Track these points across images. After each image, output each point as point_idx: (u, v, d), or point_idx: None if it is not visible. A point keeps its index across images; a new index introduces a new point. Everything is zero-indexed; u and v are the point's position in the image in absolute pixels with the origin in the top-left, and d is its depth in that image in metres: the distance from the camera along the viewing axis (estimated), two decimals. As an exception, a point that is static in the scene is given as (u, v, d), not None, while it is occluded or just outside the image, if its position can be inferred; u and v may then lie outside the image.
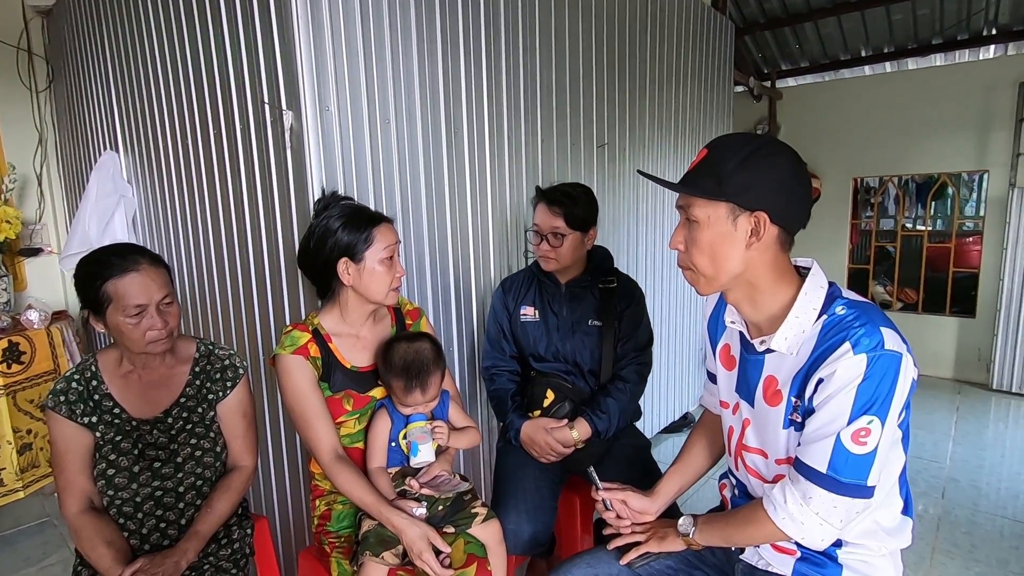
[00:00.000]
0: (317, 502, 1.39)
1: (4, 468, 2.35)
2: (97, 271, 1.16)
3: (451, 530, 1.28)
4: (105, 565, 1.15)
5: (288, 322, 1.64)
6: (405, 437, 1.30)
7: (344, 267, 1.27)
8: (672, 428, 3.20)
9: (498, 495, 1.61)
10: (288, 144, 1.51)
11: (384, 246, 1.27)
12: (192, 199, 1.97)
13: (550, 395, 1.68)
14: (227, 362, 1.34)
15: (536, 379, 1.71)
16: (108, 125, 2.41)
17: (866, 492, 0.90)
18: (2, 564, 2.22)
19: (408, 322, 1.45)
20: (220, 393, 1.32)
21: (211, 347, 1.35)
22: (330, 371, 1.31)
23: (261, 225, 1.69)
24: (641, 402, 1.79)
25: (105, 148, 2.45)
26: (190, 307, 2.12)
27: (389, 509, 1.20)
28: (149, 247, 2.30)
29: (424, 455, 1.28)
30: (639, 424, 1.84)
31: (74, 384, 1.22)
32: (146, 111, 2.12)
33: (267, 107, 1.55)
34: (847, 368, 0.88)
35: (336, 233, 1.26)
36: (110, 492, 1.21)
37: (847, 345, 0.89)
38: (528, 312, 1.75)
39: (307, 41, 1.43)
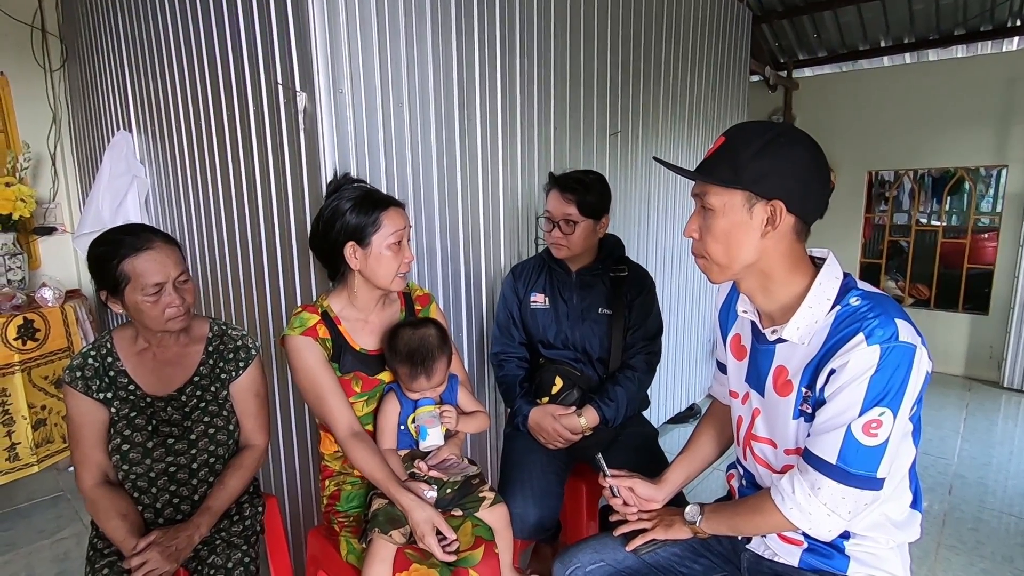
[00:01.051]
0: (327, 482, 1.40)
1: (19, 443, 2.39)
2: (112, 251, 1.17)
3: (459, 513, 1.29)
4: (119, 537, 1.18)
5: (298, 303, 1.65)
6: (414, 421, 1.31)
7: (351, 251, 1.27)
8: (678, 419, 3.20)
9: (505, 480, 1.62)
10: (301, 126, 1.51)
11: (392, 231, 1.26)
12: (204, 180, 1.98)
13: (558, 382, 1.69)
14: (240, 343, 1.36)
15: (545, 366, 1.72)
16: (121, 105, 2.42)
17: (875, 484, 0.90)
18: (17, 536, 2.26)
19: (418, 308, 1.45)
20: (233, 373, 1.33)
21: (224, 327, 1.37)
22: (340, 352, 1.32)
23: (273, 206, 1.69)
24: (648, 392, 1.79)
25: (118, 128, 2.46)
26: (201, 288, 2.13)
27: (399, 489, 1.21)
28: (161, 227, 2.33)
29: (433, 439, 1.29)
30: (646, 413, 1.85)
31: (90, 360, 1.24)
32: (159, 91, 2.12)
33: (280, 88, 1.55)
34: (860, 359, 0.87)
35: (344, 216, 1.25)
36: (125, 467, 1.23)
37: (861, 336, 0.88)
38: (538, 299, 1.75)
39: (321, 23, 1.43)
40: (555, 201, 1.65)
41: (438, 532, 1.18)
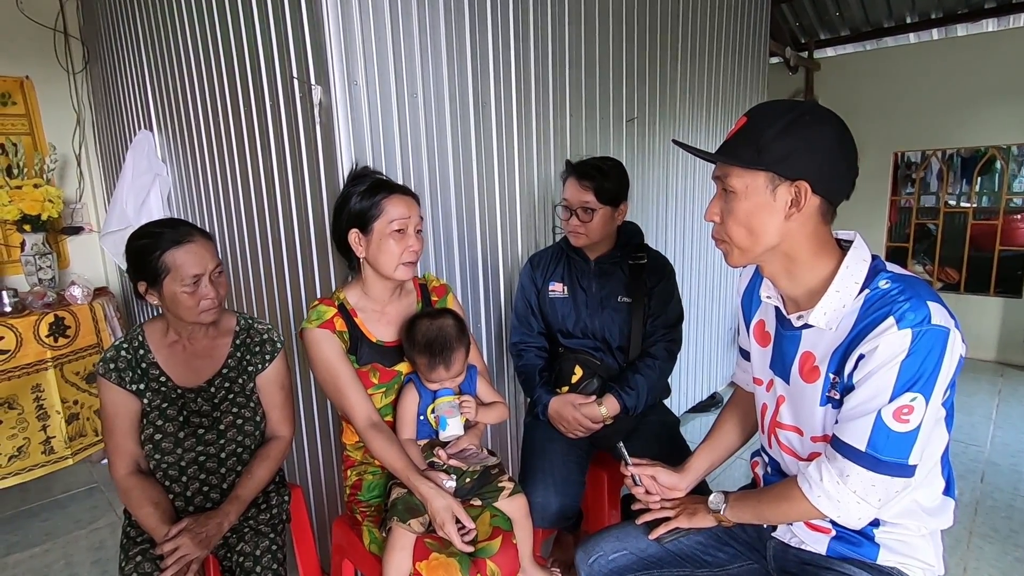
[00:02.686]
0: (349, 472, 1.42)
1: (54, 436, 2.47)
2: (154, 243, 1.21)
3: (478, 503, 1.30)
4: (151, 524, 1.21)
5: (317, 296, 1.67)
6: (433, 412, 1.31)
7: (355, 238, 1.27)
8: (700, 408, 3.17)
9: (526, 469, 1.62)
10: (317, 119, 1.51)
11: (394, 217, 1.25)
12: (224, 176, 2.00)
13: (578, 371, 1.68)
14: (266, 336, 1.39)
15: (564, 355, 1.71)
16: (142, 104, 2.46)
17: (907, 471, 0.88)
18: (55, 526, 2.34)
19: (434, 299, 1.45)
20: (259, 366, 1.36)
21: (251, 321, 1.40)
22: (357, 344, 1.32)
23: (291, 200, 1.71)
24: (669, 380, 1.77)
25: (140, 127, 2.50)
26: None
27: (418, 477, 1.22)
28: (184, 224, 2.37)
29: (452, 429, 1.30)
30: (667, 402, 1.83)
31: (123, 352, 1.28)
32: (179, 90, 2.15)
33: (296, 83, 1.55)
34: (890, 343, 0.84)
35: (350, 202, 1.26)
36: (156, 456, 1.26)
37: (891, 320, 0.85)
38: (557, 288, 1.74)
39: (335, 16, 1.42)
40: (572, 189, 1.64)
41: (457, 520, 1.18)
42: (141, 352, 1.29)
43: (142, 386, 1.27)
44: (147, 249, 1.22)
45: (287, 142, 1.66)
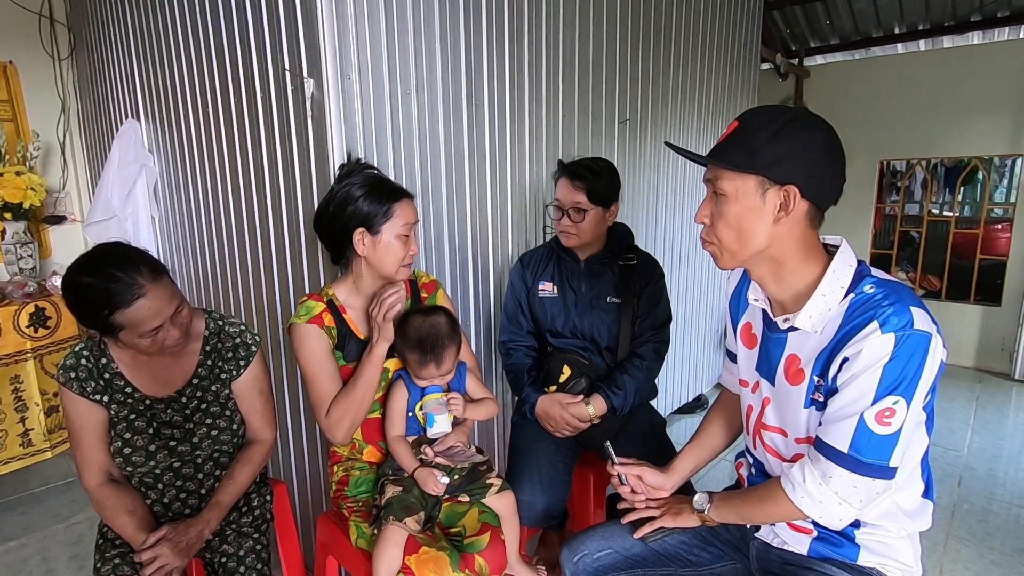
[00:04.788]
0: (335, 468, 1.41)
1: (32, 429, 2.42)
2: (102, 300, 1.06)
3: (466, 500, 1.30)
4: (128, 533, 1.17)
5: (306, 291, 1.66)
6: (422, 408, 1.31)
7: (360, 237, 1.27)
8: (685, 409, 3.20)
9: (513, 468, 1.63)
10: (309, 112, 1.50)
11: (403, 222, 1.27)
12: (212, 167, 1.98)
13: (566, 371, 1.68)
14: (239, 340, 1.30)
15: (553, 355, 1.71)
16: (129, 93, 2.42)
17: (888, 473, 0.89)
18: (32, 520, 2.30)
19: (423, 295, 1.45)
20: (234, 372, 1.29)
21: (221, 322, 1.30)
22: (344, 341, 1.32)
23: (281, 194, 1.69)
24: (656, 381, 1.79)
25: (127, 116, 2.46)
26: (209, 275, 2.14)
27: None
28: (169, 215, 2.34)
29: (440, 426, 1.30)
30: (654, 403, 1.84)
31: (83, 361, 1.18)
32: (167, 79, 2.12)
33: (288, 75, 1.54)
34: (874, 347, 0.86)
35: (357, 201, 1.25)
36: (128, 468, 1.21)
37: (875, 324, 0.87)
38: (546, 287, 1.74)
39: (329, 8, 1.41)
40: (564, 189, 1.64)
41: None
42: (104, 361, 1.19)
43: (106, 397, 1.18)
44: (94, 306, 1.06)
45: (277, 135, 1.65)
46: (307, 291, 1.66)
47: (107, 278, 1.06)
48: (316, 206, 1.55)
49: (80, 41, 2.85)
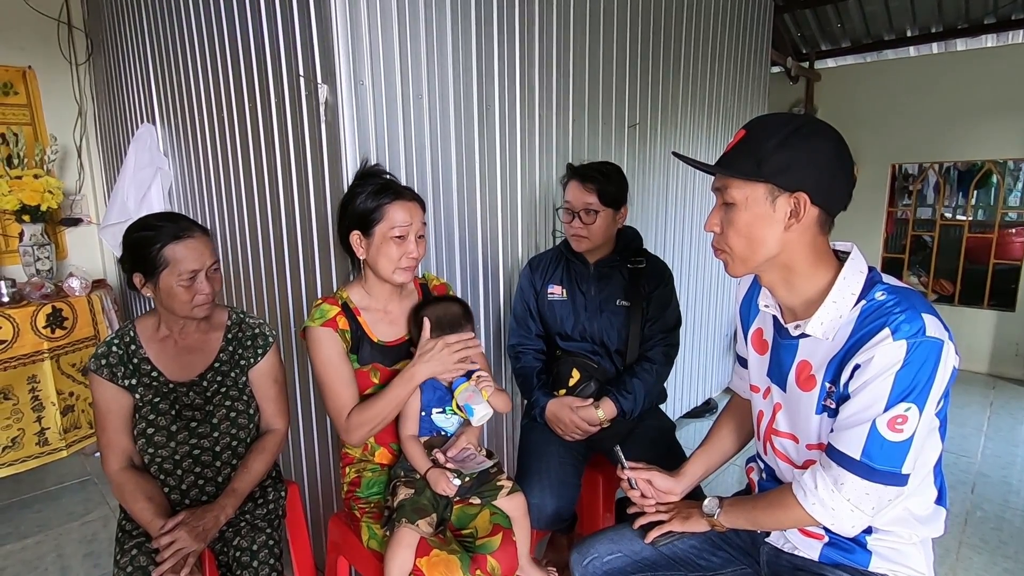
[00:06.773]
0: (347, 469, 1.42)
1: (48, 428, 2.46)
2: (154, 236, 1.22)
3: (477, 501, 1.31)
4: (146, 518, 1.21)
5: (320, 294, 1.67)
6: (458, 405, 1.30)
7: (356, 239, 1.28)
8: (695, 413, 3.19)
9: (522, 471, 1.63)
10: (323, 118, 1.52)
11: (395, 224, 1.25)
12: (227, 172, 2.00)
13: (576, 374, 1.69)
14: (257, 330, 1.39)
15: (562, 358, 1.72)
16: (145, 98, 2.46)
17: (900, 480, 0.89)
18: (48, 518, 2.34)
19: (434, 298, 1.46)
20: (252, 360, 1.37)
21: (242, 315, 1.41)
22: (359, 344, 1.33)
23: (295, 198, 1.71)
24: (665, 385, 1.79)
25: (142, 120, 2.50)
26: (224, 278, 2.16)
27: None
28: (185, 219, 2.37)
29: (480, 411, 1.25)
30: (663, 407, 1.84)
31: (114, 348, 1.28)
32: (183, 84, 2.15)
33: (302, 81, 1.56)
34: (886, 354, 0.86)
35: (352, 204, 1.27)
36: (150, 450, 1.27)
37: (887, 331, 0.87)
38: (556, 291, 1.75)
39: (343, 15, 1.43)
40: (575, 191, 1.65)
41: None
42: (132, 347, 1.29)
43: (133, 381, 1.27)
44: (147, 241, 1.22)
45: (291, 140, 1.67)
46: (319, 294, 1.68)
47: (165, 219, 1.27)
48: (330, 210, 1.58)
49: (97, 46, 2.89)
